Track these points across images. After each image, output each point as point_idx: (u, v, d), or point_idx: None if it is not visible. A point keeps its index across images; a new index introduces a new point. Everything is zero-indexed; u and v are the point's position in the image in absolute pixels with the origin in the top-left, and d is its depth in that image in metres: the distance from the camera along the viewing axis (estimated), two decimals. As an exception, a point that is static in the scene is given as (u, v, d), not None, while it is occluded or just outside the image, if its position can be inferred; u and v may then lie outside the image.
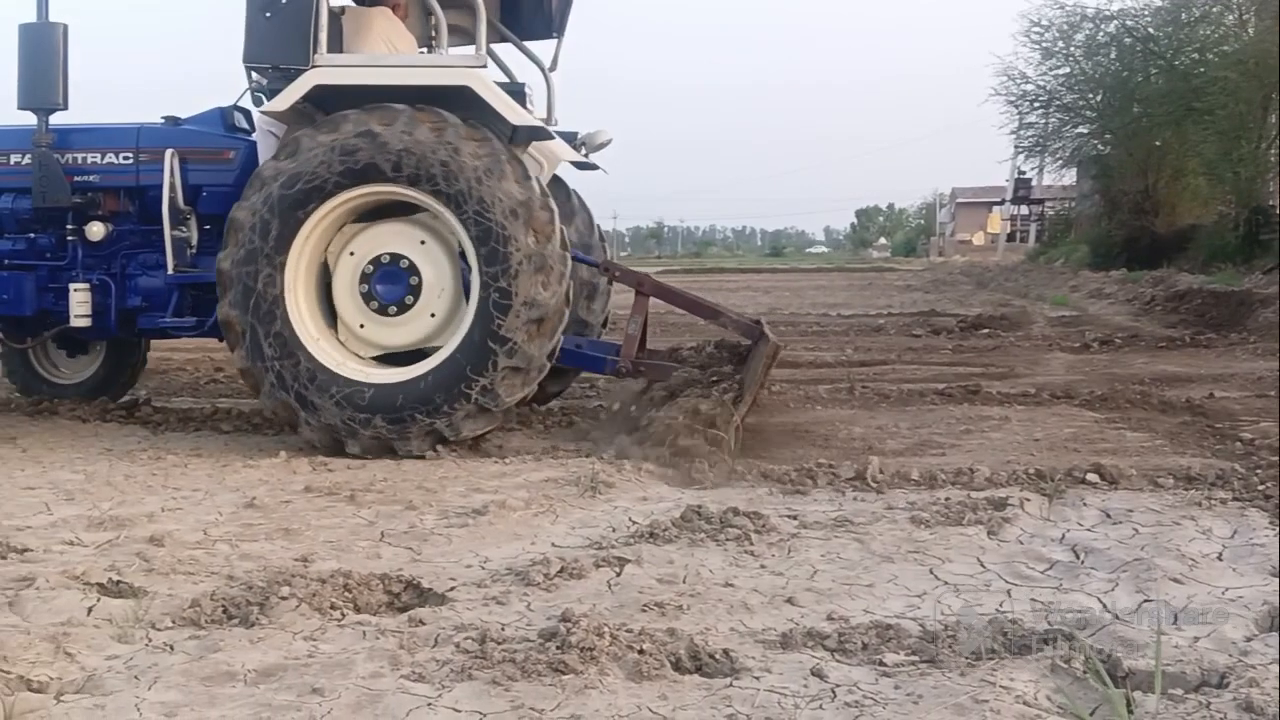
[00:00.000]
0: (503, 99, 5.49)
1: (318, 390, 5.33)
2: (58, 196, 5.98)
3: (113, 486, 4.73)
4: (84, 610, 3.06)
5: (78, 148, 6.14)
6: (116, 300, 6.11)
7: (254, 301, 5.38)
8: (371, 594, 3.24)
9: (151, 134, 6.18)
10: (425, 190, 5.34)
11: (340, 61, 5.70)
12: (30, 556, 3.63)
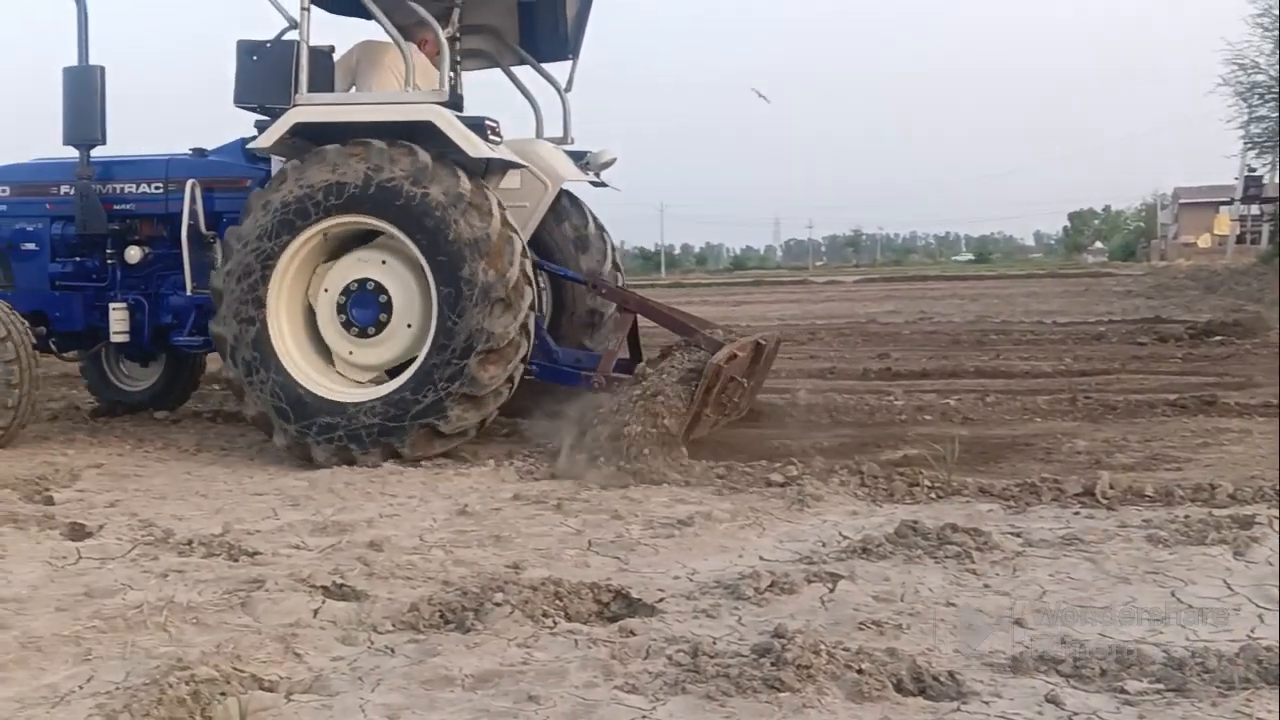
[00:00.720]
0: (462, 132, 5.71)
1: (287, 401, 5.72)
2: (96, 225, 6.60)
3: (334, 493, 4.95)
4: (310, 612, 3.20)
5: (116, 179, 6.74)
6: (150, 318, 6.66)
7: (240, 318, 5.80)
8: (581, 603, 3.26)
9: (178, 165, 6.71)
10: (390, 220, 5.68)
11: (317, 101, 5.96)
12: (260, 559, 3.83)
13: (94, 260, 6.84)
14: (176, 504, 4.81)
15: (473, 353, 5.53)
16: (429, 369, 5.61)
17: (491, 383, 5.60)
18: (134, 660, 2.79)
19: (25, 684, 2.67)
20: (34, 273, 6.92)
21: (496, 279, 5.55)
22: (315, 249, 5.95)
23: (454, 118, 5.78)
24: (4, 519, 4.47)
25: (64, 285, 6.87)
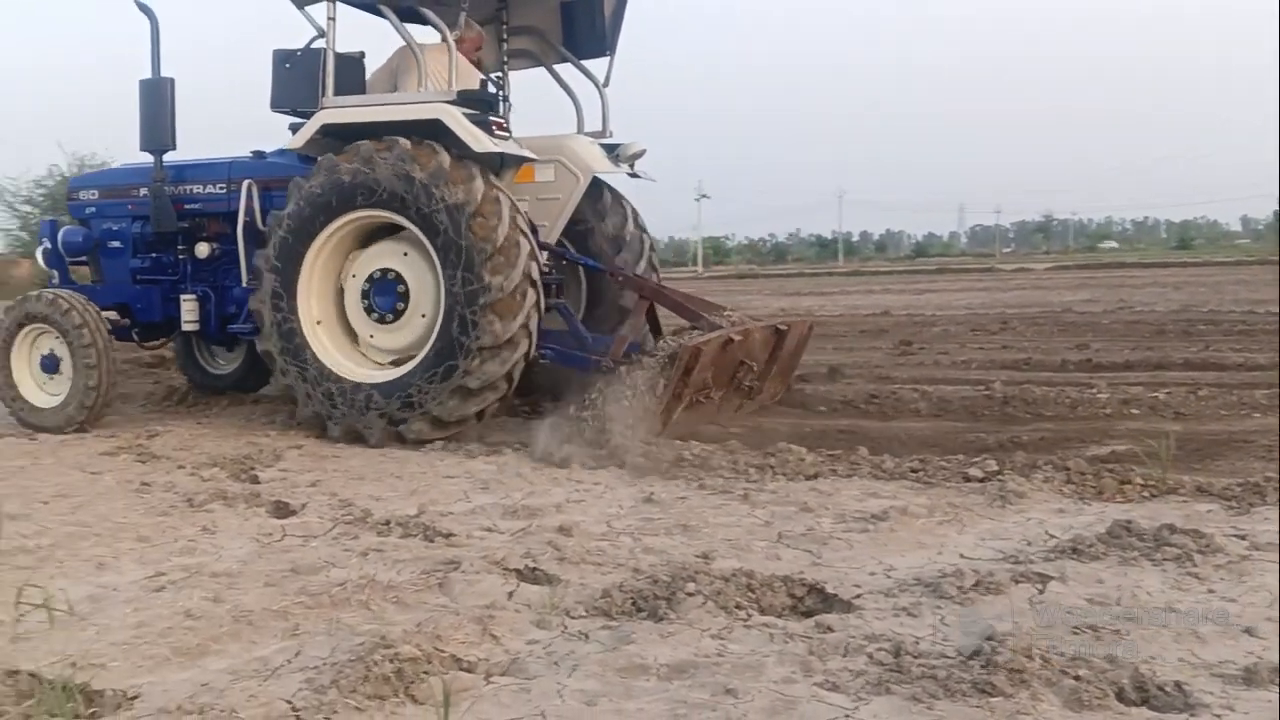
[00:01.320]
0: (468, 129, 6.02)
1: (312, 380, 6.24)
2: (168, 224, 7.23)
3: (522, 478, 5.03)
4: (505, 594, 3.24)
5: (186, 181, 7.32)
6: (216, 308, 7.22)
7: (275, 295, 6.31)
8: (775, 596, 3.20)
9: (238, 167, 7.22)
10: (408, 217, 6.06)
11: (342, 103, 6.36)
12: (454, 541, 3.92)
13: (168, 256, 7.44)
14: (373, 485, 4.98)
15: (471, 350, 5.86)
16: (431, 360, 5.98)
17: (486, 379, 5.92)
18: (339, 636, 2.88)
19: (237, 656, 2.79)
20: (118, 268, 7.59)
21: (499, 284, 5.85)
22: (348, 236, 6.38)
23: (461, 115, 6.05)
24: (214, 496, 4.72)
25: (143, 279, 7.47)
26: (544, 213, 6.98)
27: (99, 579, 3.55)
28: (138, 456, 5.82)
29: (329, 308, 6.43)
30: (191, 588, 3.39)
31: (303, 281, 6.30)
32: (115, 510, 4.53)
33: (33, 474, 5.44)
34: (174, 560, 3.77)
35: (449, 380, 5.90)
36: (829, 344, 11.82)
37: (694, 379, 5.73)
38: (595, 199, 7.21)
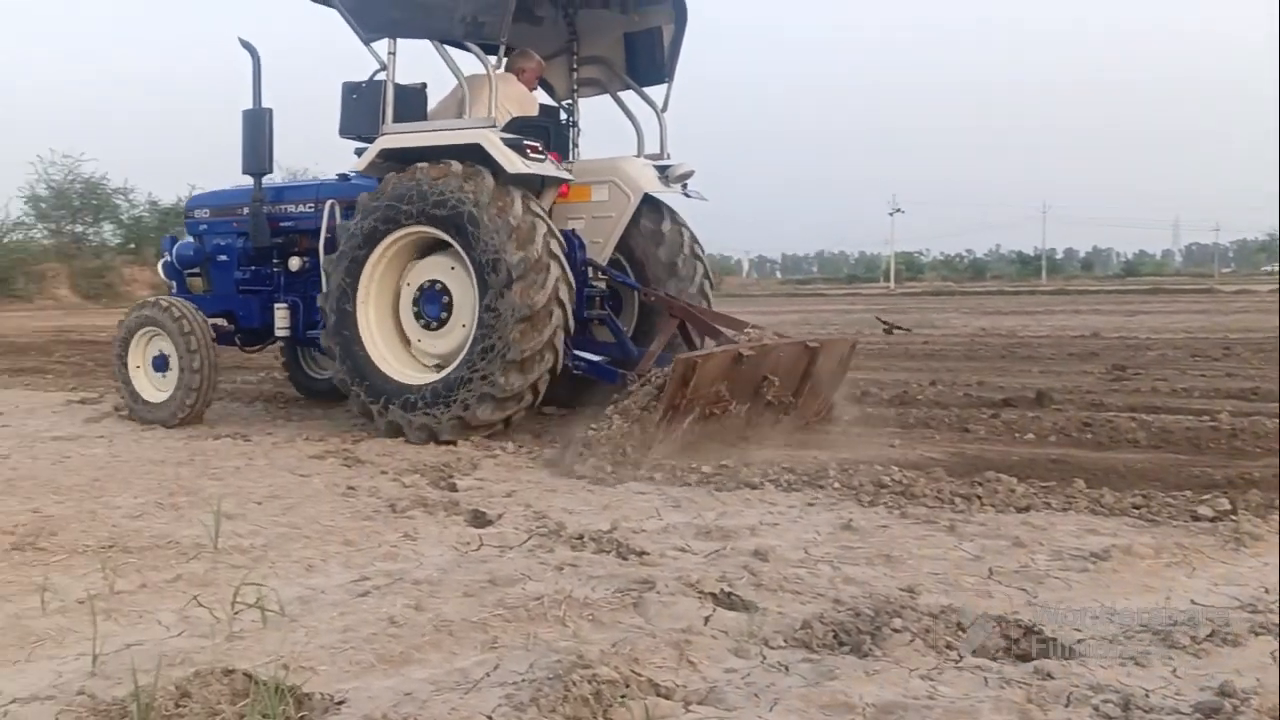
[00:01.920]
0: (503, 152, 6.53)
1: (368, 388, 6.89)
2: (264, 239, 7.98)
3: (714, 498, 4.98)
4: (701, 619, 3.19)
5: (281, 201, 8.10)
6: (304, 316, 7.80)
7: (339, 298, 6.98)
8: (988, 636, 3.03)
9: (325, 188, 7.99)
10: (453, 235, 6.63)
11: (399, 129, 6.97)
12: (648, 560, 3.89)
13: (266, 268, 8.20)
14: (566, 498, 5.02)
15: (498, 360, 6.39)
16: (465, 368, 6.52)
17: (512, 390, 6.45)
18: (537, 652, 2.89)
19: (438, 666, 2.83)
20: (225, 279, 8.41)
21: (526, 302, 6.36)
22: (406, 248, 7.00)
23: (499, 140, 6.58)
24: (415, 503, 4.86)
25: (245, 290, 8.27)
26: (598, 230, 7.54)
27: (308, 581, 3.69)
28: (343, 461, 6.06)
29: (386, 313, 7.07)
30: (394, 594, 3.47)
31: (362, 288, 6.95)
32: (323, 513, 4.72)
33: (247, 475, 5.72)
34: (377, 565, 3.88)
35: (479, 387, 6.43)
36: (1034, 366, 11.36)
37: (698, 392, 5.91)
38: (656, 223, 7.71)
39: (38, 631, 3.15)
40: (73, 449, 6.65)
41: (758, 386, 6.36)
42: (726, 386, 6.13)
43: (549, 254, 6.52)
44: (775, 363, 6.45)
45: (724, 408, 6.18)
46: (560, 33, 7.89)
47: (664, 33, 7.65)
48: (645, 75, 7.85)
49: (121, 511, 4.80)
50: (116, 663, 2.87)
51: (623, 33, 7.75)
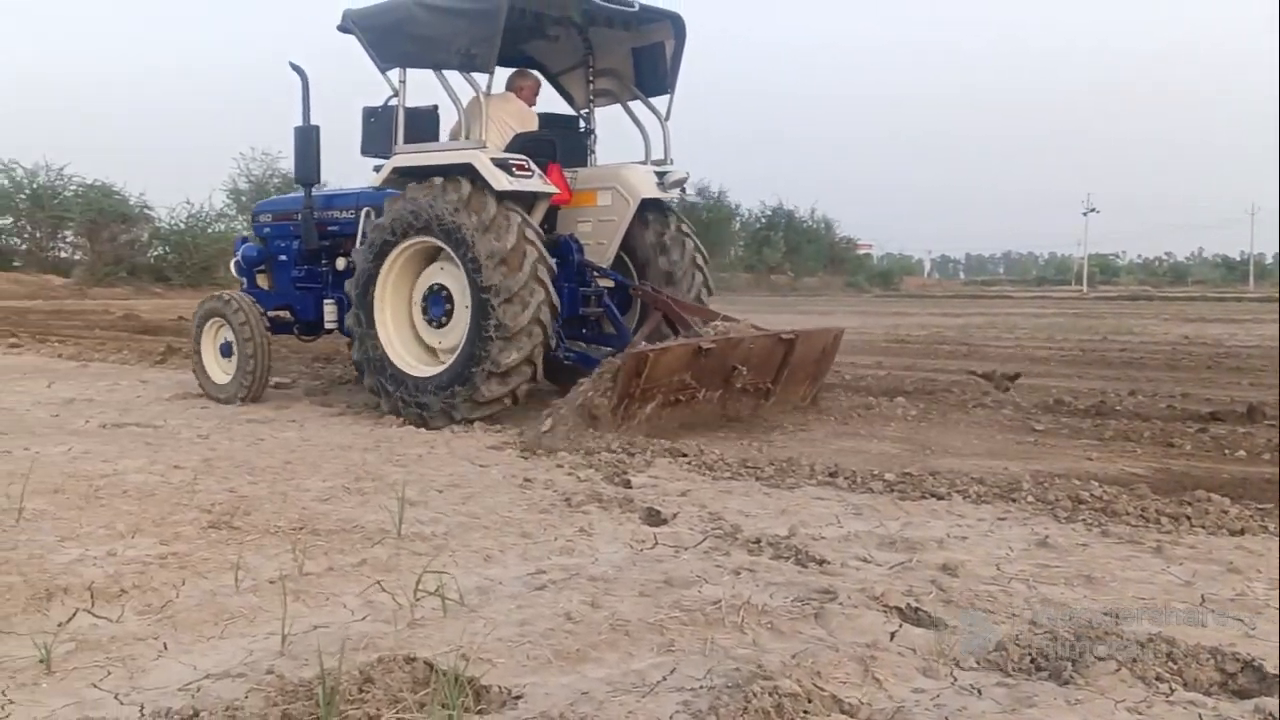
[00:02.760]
0: (490, 170, 7.25)
1: (390, 379, 7.68)
2: (313, 242, 8.84)
3: (898, 506, 4.82)
4: (886, 634, 3.08)
5: (329, 208, 8.90)
6: (346, 311, 8.22)
7: (359, 306, 7.84)
8: (1201, 669, 2.82)
9: (363, 197, 8.62)
10: (443, 239, 7.38)
11: (409, 149, 7.79)
12: (828, 569, 3.79)
13: (317, 268, 8.98)
14: (741, 499, 4.95)
15: (493, 339, 7.03)
16: (468, 353, 7.21)
17: (511, 363, 7.08)
18: (714, 658, 2.84)
19: (615, 666, 2.80)
20: (284, 277, 9.30)
21: (510, 281, 7.02)
22: (414, 257, 7.77)
23: (487, 159, 7.29)
24: (590, 498, 4.88)
25: (300, 286, 9.11)
26: (603, 232, 8.25)
27: (486, 571, 3.73)
28: (520, 452, 6.15)
29: (401, 313, 7.88)
30: (570, 589, 3.47)
31: (378, 290, 7.78)
32: (501, 504, 4.79)
33: (429, 463, 5.87)
34: (553, 559, 3.90)
35: (482, 365, 7.09)
36: (1242, 378, 10.67)
37: (655, 381, 6.59)
38: (659, 231, 8.38)
39: (231, 609, 3.28)
40: (266, 432, 6.96)
41: (727, 375, 7.01)
42: (692, 376, 6.80)
43: (525, 240, 7.19)
44: (746, 354, 7.08)
45: (691, 395, 6.88)
46: (577, 48, 8.62)
47: (666, 47, 8.27)
48: (651, 86, 8.47)
49: (311, 494, 4.98)
50: (304, 644, 2.96)
51: (630, 48, 8.42)
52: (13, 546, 3.95)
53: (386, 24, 7.69)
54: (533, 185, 7.50)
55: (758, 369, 7.14)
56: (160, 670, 2.81)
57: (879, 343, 15.57)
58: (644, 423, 6.59)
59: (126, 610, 3.31)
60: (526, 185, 7.43)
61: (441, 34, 7.34)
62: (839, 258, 59.13)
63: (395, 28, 7.63)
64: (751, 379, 7.12)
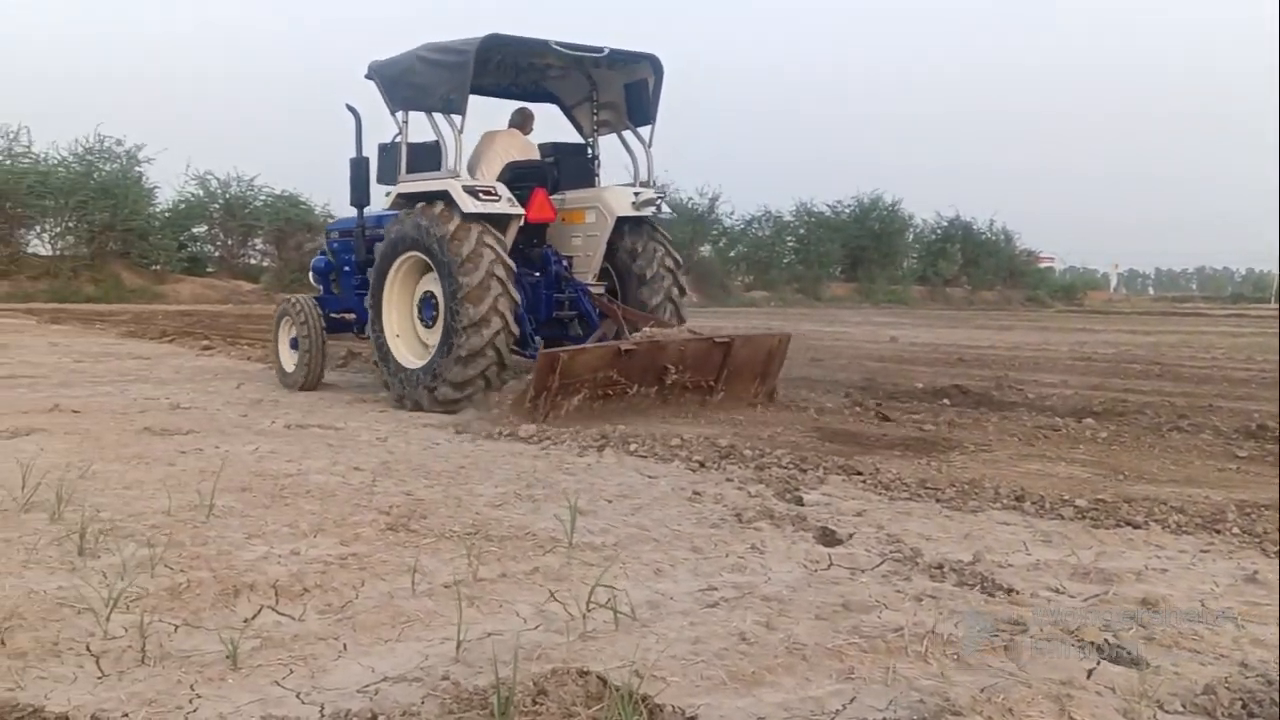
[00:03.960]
0: (461, 196, 8.44)
1: (393, 372, 9.02)
2: (362, 256, 10.00)
3: (1090, 534, 4.58)
4: (1083, 671, 2.90)
5: (376, 226, 9.89)
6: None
7: (372, 310, 9.26)
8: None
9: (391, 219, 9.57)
10: (425, 253, 8.72)
11: (409, 179, 9.18)
12: (1017, 599, 3.61)
13: (368, 277, 9.64)
14: (921, 521, 4.79)
15: (458, 329, 8.23)
16: (444, 344, 8.42)
17: (473, 348, 8.20)
18: (897, 688, 2.73)
19: (791, 692, 2.73)
20: (348, 284, 10.56)
21: (469, 279, 8.20)
22: (411, 269, 9.07)
23: (459, 187, 8.51)
24: (761, 514, 4.80)
25: (359, 292, 9.95)
26: (590, 246, 9.48)
27: (656, 585, 3.71)
28: (688, 464, 6.11)
29: (405, 317, 9.18)
30: (743, 609, 3.41)
31: (386, 298, 9.14)
32: (670, 517, 4.76)
33: (597, 472, 5.90)
34: (725, 576, 3.84)
35: (451, 353, 8.28)
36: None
37: (572, 378, 7.58)
38: (635, 242, 9.47)
39: (408, 612, 3.34)
40: (440, 436, 7.14)
41: (660, 374, 7.98)
42: (620, 373, 7.80)
43: (484, 246, 8.29)
44: (678, 355, 8.03)
45: (620, 390, 7.87)
46: (583, 86, 9.95)
47: (649, 83, 9.43)
48: (638, 118, 9.64)
49: (484, 500, 5.06)
50: (478, 650, 2.98)
51: (623, 84, 9.60)
52: (203, 542, 4.13)
53: (395, 74, 9.12)
54: (498, 208, 8.64)
55: (695, 369, 8.18)
56: (340, 671, 2.87)
57: (1063, 360, 14.96)
58: (573, 412, 7.65)
59: (308, 609, 3.41)
60: (492, 208, 8.59)
61: (430, 82, 8.74)
62: (1019, 271, 57.10)
63: (400, 76, 9.05)
64: (691, 377, 8.17)
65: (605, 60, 9.26)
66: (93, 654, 2.95)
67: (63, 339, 16.57)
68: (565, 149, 10.05)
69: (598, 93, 9.84)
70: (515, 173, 9.35)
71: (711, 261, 46.81)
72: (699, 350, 8.17)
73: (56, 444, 6.42)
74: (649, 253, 9.44)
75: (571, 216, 9.59)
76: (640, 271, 9.41)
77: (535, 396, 7.51)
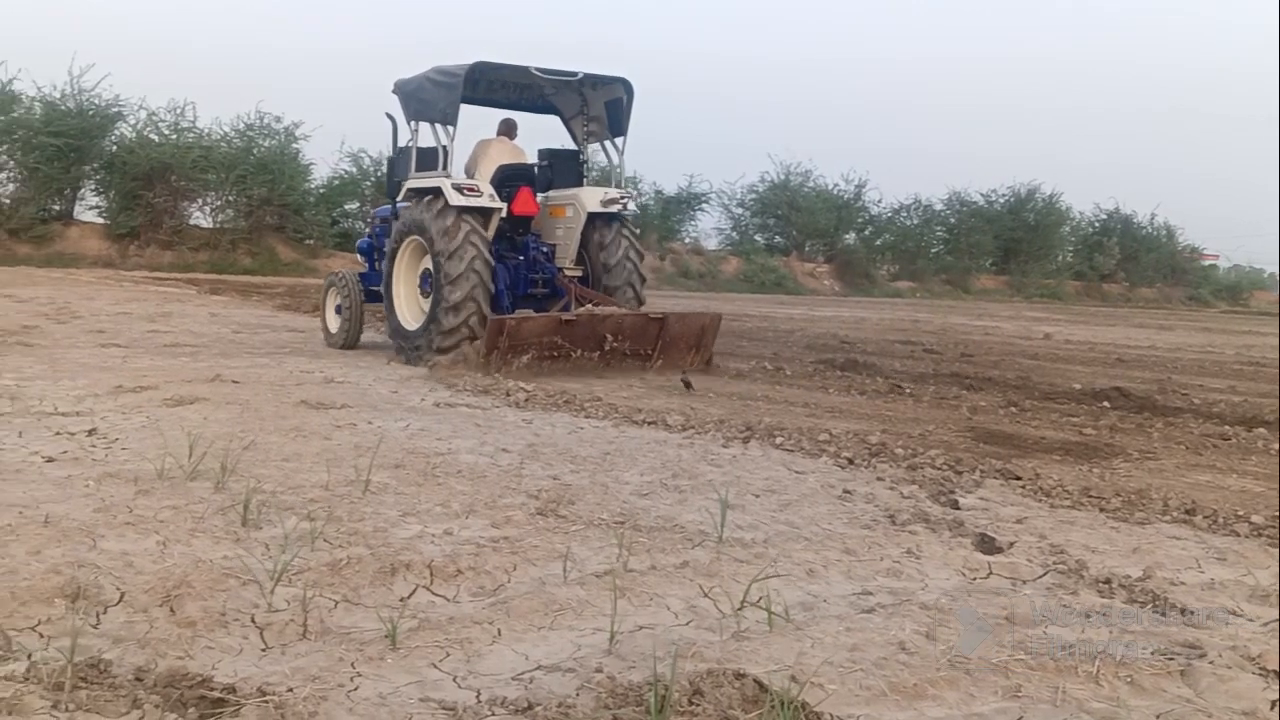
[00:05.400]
0: (449, 191, 10.03)
1: (400, 334, 10.83)
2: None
3: (1268, 554, 4.35)
4: (1265, 702, 2.76)
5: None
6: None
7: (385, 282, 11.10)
8: None
9: None
10: (422, 237, 10.36)
11: (416, 177, 10.77)
12: (1192, 620, 3.45)
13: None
14: (1086, 532, 4.61)
15: (443, 307, 9.89)
16: (435, 301, 10.07)
17: (454, 322, 9.86)
18: (1066, 709, 2.64)
19: (955, 707, 2.66)
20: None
21: (452, 268, 9.85)
22: (415, 251, 10.73)
23: (450, 184, 10.13)
24: (916, 517, 4.69)
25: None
26: (569, 236, 11.10)
27: (809, 586, 3.65)
28: (836, 460, 6.01)
29: (411, 289, 10.88)
30: (901, 616, 3.33)
31: (394, 273, 10.94)
32: (820, 515, 4.69)
33: (743, 464, 5.85)
34: (879, 581, 3.77)
35: (437, 324, 9.96)
36: None
37: (519, 341, 9.36)
38: (604, 234, 11.02)
39: (560, 600, 3.36)
40: (586, 423, 7.17)
41: (600, 341, 9.71)
42: (564, 339, 9.53)
43: (468, 240, 9.91)
44: (616, 326, 9.81)
45: (565, 353, 9.59)
46: (576, 101, 11.62)
47: (623, 102, 11.08)
48: (615, 130, 11.33)
49: (630, 488, 5.07)
50: (630, 644, 2.98)
51: (604, 101, 11.29)
52: (360, 519, 4.24)
53: (409, 90, 10.96)
54: (479, 202, 10.25)
55: (634, 339, 9.93)
56: (495, 656, 2.90)
57: (1230, 364, 14.28)
58: (523, 369, 9.27)
59: (461, 590, 3.47)
60: (474, 201, 10.20)
61: (432, 98, 10.54)
62: (1180, 268, 54.67)
63: (413, 92, 10.89)
64: (630, 346, 9.90)
65: (585, 82, 11.12)
66: (257, 626, 3.05)
67: (222, 309, 17.28)
68: (560, 154, 11.79)
69: (587, 107, 11.56)
70: (505, 174, 11.02)
71: (856, 250, 46.10)
72: (636, 324, 10.04)
73: (219, 414, 6.68)
74: (614, 244, 11.08)
75: (556, 211, 11.32)
76: (605, 260, 11.03)
77: (487, 354, 9.37)
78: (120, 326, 12.91)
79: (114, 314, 14.75)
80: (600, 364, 9.77)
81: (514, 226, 10.92)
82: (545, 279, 11.04)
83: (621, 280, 11.03)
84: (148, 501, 4.32)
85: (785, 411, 7.81)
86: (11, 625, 2.88)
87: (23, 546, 3.60)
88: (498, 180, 10.82)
